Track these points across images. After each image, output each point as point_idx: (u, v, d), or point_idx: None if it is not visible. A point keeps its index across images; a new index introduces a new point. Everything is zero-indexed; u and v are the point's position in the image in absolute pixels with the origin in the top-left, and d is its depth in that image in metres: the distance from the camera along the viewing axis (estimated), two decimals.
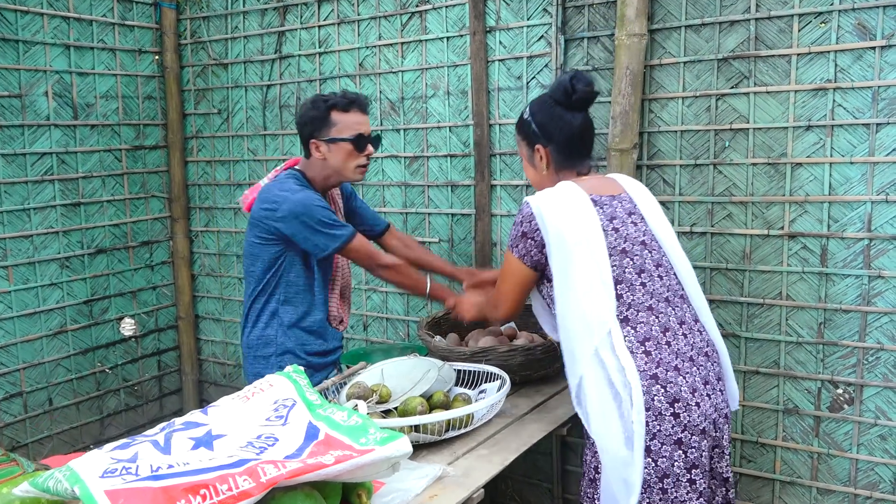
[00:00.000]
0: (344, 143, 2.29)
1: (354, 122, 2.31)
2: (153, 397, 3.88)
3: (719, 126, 2.46)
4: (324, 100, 2.31)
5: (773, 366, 2.46)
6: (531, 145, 1.96)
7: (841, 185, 2.31)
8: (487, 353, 2.31)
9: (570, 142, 1.92)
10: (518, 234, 1.89)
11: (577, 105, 1.90)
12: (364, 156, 2.34)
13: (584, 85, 1.88)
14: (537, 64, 2.78)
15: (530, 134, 1.96)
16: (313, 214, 2.26)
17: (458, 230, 3.06)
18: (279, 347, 2.41)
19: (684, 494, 1.70)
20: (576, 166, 1.95)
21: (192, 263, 3.92)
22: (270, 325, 2.41)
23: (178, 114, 3.78)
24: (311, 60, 3.35)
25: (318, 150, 2.32)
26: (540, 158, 1.95)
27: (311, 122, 2.30)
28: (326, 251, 2.32)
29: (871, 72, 2.23)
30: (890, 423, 2.30)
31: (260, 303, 2.41)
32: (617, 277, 1.77)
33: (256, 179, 3.59)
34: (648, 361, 1.71)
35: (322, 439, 1.49)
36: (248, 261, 2.42)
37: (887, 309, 2.27)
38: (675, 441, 1.69)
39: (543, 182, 1.98)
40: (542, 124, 1.93)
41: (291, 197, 2.26)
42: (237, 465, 1.34)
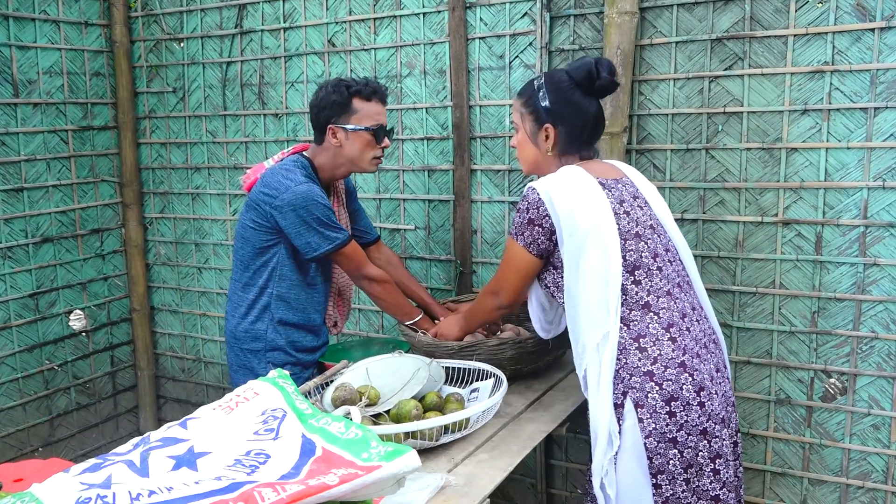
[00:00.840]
0: (363, 133, 2.23)
1: (375, 111, 2.25)
2: (106, 395, 3.64)
3: (712, 109, 2.38)
4: (346, 85, 2.23)
5: (766, 356, 2.40)
6: (539, 122, 1.85)
7: (837, 171, 2.25)
8: (476, 347, 2.19)
9: (583, 128, 1.83)
10: (524, 221, 1.79)
11: (597, 92, 1.83)
12: (381, 147, 2.28)
13: (608, 73, 1.81)
14: (521, 42, 2.65)
15: (540, 111, 1.85)
16: (312, 211, 2.17)
17: (436, 217, 2.92)
18: (269, 344, 2.33)
19: (707, 484, 1.66)
20: (580, 151, 1.86)
21: (147, 252, 3.69)
22: (261, 319, 2.33)
23: (129, 92, 3.52)
24: (276, 36, 3.15)
25: (334, 136, 2.24)
26: (546, 138, 1.85)
27: (331, 106, 2.23)
28: (317, 252, 2.22)
29: (870, 54, 2.17)
30: (883, 413, 2.27)
31: (251, 293, 2.32)
32: (635, 262, 1.71)
33: (216, 162, 3.39)
34: (675, 349, 1.67)
35: (320, 455, 1.35)
36: (239, 243, 2.33)
37: (882, 297, 2.23)
38: (701, 431, 1.65)
39: (540, 163, 1.89)
40: (557, 104, 1.82)
41: (294, 188, 2.17)
42: (230, 490, 1.19)
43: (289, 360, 2.34)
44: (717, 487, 1.67)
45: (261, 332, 2.32)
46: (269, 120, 3.23)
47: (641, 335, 1.67)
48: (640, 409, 1.63)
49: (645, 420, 1.63)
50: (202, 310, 3.58)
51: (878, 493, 2.31)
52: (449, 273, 2.90)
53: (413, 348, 2.34)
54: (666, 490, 1.64)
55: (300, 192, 2.17)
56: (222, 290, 3.49)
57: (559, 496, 2.85)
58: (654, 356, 1.65)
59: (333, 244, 2.22)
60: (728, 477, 1.68)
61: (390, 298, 2.32)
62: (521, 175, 2.71)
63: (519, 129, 1.92)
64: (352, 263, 2.28)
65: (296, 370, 2.33)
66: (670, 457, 1.63)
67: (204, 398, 3.66)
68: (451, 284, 2.89)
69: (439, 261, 2.92)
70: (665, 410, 1.63)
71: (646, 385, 1.64)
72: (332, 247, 2.22)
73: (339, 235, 2.23)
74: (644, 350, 1.66)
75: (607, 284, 1.67)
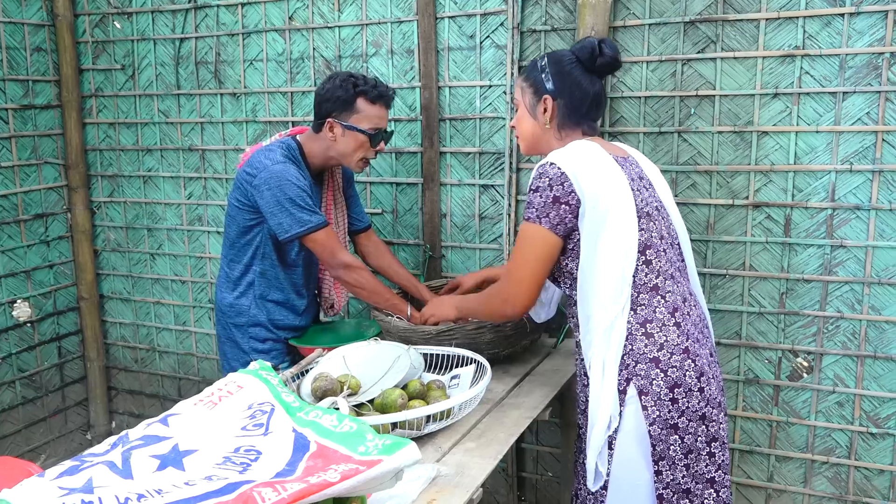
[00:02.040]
0: (360, 134, 2.23)
1: (377, 115, 2.25)
2: (54, 388, 3.48)
3: (685, 92, 2.38)
4: (354, 83, 2.22)
5: (735, 336, 2.44)
6: (538, 94, 1.81)
7: (806, 155, 2.28)
8: (454, 331, 2.16)
9: (582, 102, 1.79)
10: (548, 199, 1.67)
11: (598, 69, 1.79)
12: (374, 150, 2.28)
13: (611, 51, 1.77)
14: (492, 22, 2.60)
15: (540, 82, 1.80)
16: (285, 191, 2.15)
17: (403, 200, 2.86)
18: (251, 319, 2.38)
19: (704, 468, 1.68)
20: (580, 126, 1.81)
21: (95, 238, 3.51)
22: (245, 294, 2.38)
23: (74, 69, 3.33)
24: (233, 12, 3.02)
25: (331, 130, 2.24)
26: (544, 111, 1.80)
27: (335, 101, 2.22)
28: (289, 234, 2.19)
29: (840, 39, 2.20)
30: (847, 390, 2.33)
31: (237, 270, 2.37)
32: (646, 242, 1.68)
33: (170, 144, 3.25)
34: (680, 334, 1.67)
35: (315, 451, 1.29)
36: (227, 220, 2.37)
37: (848, 278, 2.28)
38: (700, 416, 1.66)
39: (539, 137, 1.84)
40: (557, 78, 1.78)
41: (271, 167, 2.18)
42: (227, 492, 1.13)
43: (269, 337, 2.39)
44: (712, 470, 1.68)
45: (244, 308, 2.37)
46: (226, 100, 3.10)
47: (648, 320, 1.66)
48: (643, 396, 1.62)
49: (649, 408, 1.62)
50: (156, 297, 3.44)
51: (841, 468, 2.38)
52: (418, 258, 2.85)
53: (385, 334, 2.29)
54: (667, 476, 1.64)
55: (275, 171, 2.17)
56: (177, 277, 3.36)
57: (530, 479, 2.86)
58: (661, 342, 1.64)
59: (304, 227, 2.19)
60: (723, 459, 1.70)
61: (368, 285, 2.26)
62: (492, 157, 2.68)
63: (519, 106, 1.87)
64: (325, 250, 2.23)
65: (277, 346, 2.39)
66: (671, 443, 1.63)
67: (159, 388, 3.53)
68: (419, 269, 2.84)
69: (407, 245, 2.87)
70: (668, 398, 1.63)
71: (651, 372, 1.63)
72: (302, 230, 2.19)
73: (312, 219, 2.19)
74: (650, 336, 1.65)
75: (623, 265, 1.63)
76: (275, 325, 2.39)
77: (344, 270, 2.24)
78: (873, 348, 2.28)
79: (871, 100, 2.18)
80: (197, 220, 3.27)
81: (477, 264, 2.78)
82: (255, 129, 3.06)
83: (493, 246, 2.74)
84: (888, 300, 2.25)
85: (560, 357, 2.35)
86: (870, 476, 2.35)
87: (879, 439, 2.32)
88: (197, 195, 3.25)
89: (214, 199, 3.21)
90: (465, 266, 2.80)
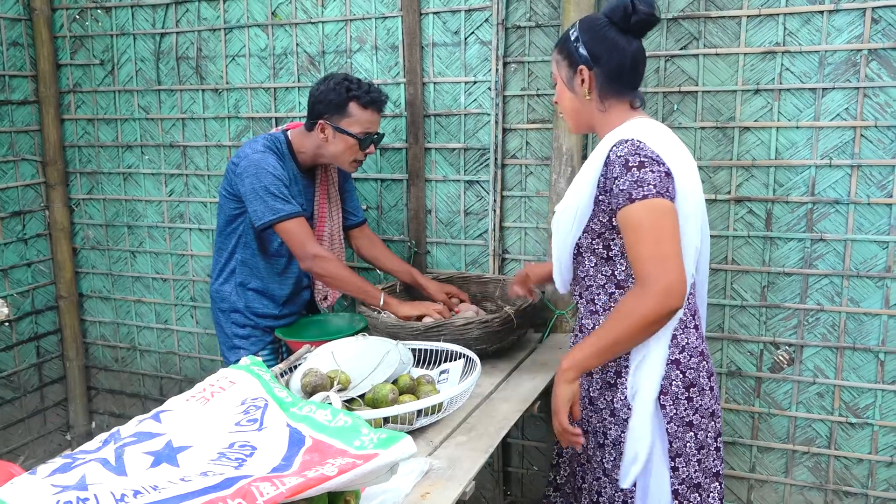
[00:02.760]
0: (350, 137, 2.29)
1: (368, 119, 2.30)
2: (32, 388, 3.43)
3: (668, 88, 2.41)
4: (347, 87, 2.28)
5: (718, 329, 2.47)
6: (573, 66, 1.71)
7: (787, 150, 2.32)
8: (442, 328, 2.17)
9: (621, 69, 1.67)
10: (662, 173, 1.55)
11: (634, 28, 1.65)
12: (363, 153, 2.34)
13: (646, 7, 1.62)
14: (476, 18, 2.60)
15: (573, 53, 1.70)
16: (261, 178, 2.24)
17: (388, 196, 2.86)
18: (231, 305, 2.49)
19: (711, 462, 1.72)
20: (625, 95, 1.70)
21: (74, 236, 3.47)
22: (228, 281, 2.49)
23: (51, 64, 3.28)
24: (214, 7, 2.99)
25: (322, 131, 2.31)
26: (581, 82, 1.70)
27: (327, 103, 2.28)
28: (262, 221, 2.25)
29: (819, 36, 2.24)
30: (827, 381, 2.37)
31: (223, 257, 2.48)
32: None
33: (150, 140, 3.22)
34: (697, 336, 1.71)
35: (311, 445, 1.29)
36: (217, 210, 2.48)
37: (828, 271, 2.32)
38: (710, 413, 1.70)
39: (581, 112, 1.74)
40: (591, 45, 1.67)
41: (251, 155, 2.28)
42: (224, 487, 1.12)
43: (248, 323, 2.49)
44: (718, 464, 1.73)
45: (226, 294, 2.49)
46: (207, 95, 3.07)
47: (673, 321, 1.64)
48: (663, 395, 1.64)
49: (667, 406, 1.64)
50: (136, 296, 3.40)
51: (821, 457, 2.43)
52: (403, 254, 2.84)
53: (372, 330, 2.30)
54: (682, 472, 1.67)
55: (253, 159, 2.26)
56: (158, 275, 3.33)
57: (516, 474, 2.87)
58: (683, 345, 1.66)
59: (277, 215, 2.26)
60: (722, 453, 1.75)
61: (338, 274, 2.29)
62: (477, 153, 2.68)
63: (557, 81, 1.77)
64: (294, 240, 2.27)
65: (256, 333, 2.49)
66: (687, 440, 1.66)
67: (140, 388, 3.49)
68: None
69: (392, 241, 2.87)
70: (685, 396, 1.65)
71: (671, 373, 1.64)
72: (274, 217, 2.26)
73: (284, 208, 2.25)
74: (674, 338, 1.65)
75: (689, 257, 1.60)
76: (253, 313, 2.48)
77: (312, 261, 2.27)
78: (852, 340, 2.33)
79: (850, 96, 2.22)
80: (178, 217, 3.24)
81: (462, 260, 2.78)
82: (238, 125, 3.04)
83: (478, 242, 2.74)
84: (866, 292, 2.29)
85: (546, 351, 2.36)
86: (849, 465, 2.40)
87: (858, 429, 2.37)
88: (178, 192, 3.22)
89: (196, 195, 3.18)
90: (450, 262, 2.81)
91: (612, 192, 1.59)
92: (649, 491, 1.67)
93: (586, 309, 1.79)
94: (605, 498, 1.78)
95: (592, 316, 1.77)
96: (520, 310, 2.23)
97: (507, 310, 2.23)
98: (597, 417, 1.77)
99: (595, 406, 1.78)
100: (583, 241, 1.70)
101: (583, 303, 1.80)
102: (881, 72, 2.18)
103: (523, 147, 2.62)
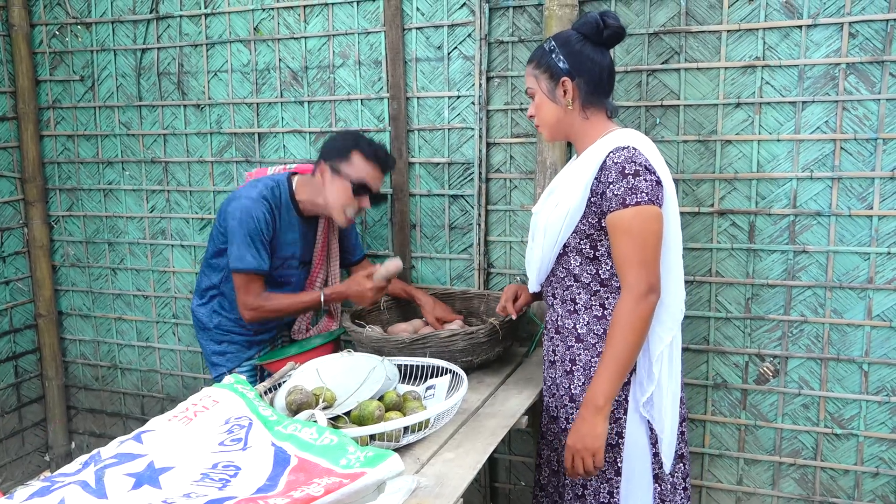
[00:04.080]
0: (345, 181, 2.31)
1: (367, 172, 2.32)
2: (10, 408, 3.36)
3: (650, 102, 2.42)
4: (355, 137, 2.35)
5: (703, 342, 2.48)
6: (555, 78, 1.80)
7: (768, 163, 2.34)
8: (427, 340, 2.15)
9: (599, 78, 1.80)
10: (654, 180, 1.70)
11: (607, 41, 1.81)
12: (357, 206, 2.34)
13: (615, 21, 1.78)
14: (459, 33, 2.61)
15: (554, 66, 1.80)
16: (243, 225, 2.28)
17: (372, 212, 2.84)
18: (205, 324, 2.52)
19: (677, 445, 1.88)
20: (603, 104, 1.83)
21: (53, 253, 3.42)
22: (207, 305, 2.52)
23: (30, 80, 3.25)
24: (196, 22, 2.98)
25: (322, 174, 2.34)
26: (564, 93, 1.80)
27: (332, 149, 2.34)
28: (235, 265, 2.31)
29: (798, 50, 2.26)
30: (812, 393, 2.38)
31: (205, 283, 2.51)
32: None
33: (131, 156, 3.19)
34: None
35: (296, 465, 1.27)
36: (209, 236, 2.51)
37: (811, 283, 2.34)
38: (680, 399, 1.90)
39: (563, 121, 1.84)
40: (570, 58, 1.79)
41: (243, 199, 2.30)
42: None
43: (224, 339, 2.52)
44: (682, 447, 1.88)
45: (202, 316, 2.52)
46: (189, 111, 3.05)
47: None
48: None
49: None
50: (118, 313, 3.35)
51: (807, 469, 2.43)
52: None
53: (359, 344, 2.28)
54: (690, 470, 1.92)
55: (242, 204, 2.29)
56: (139, 292, 3.29)
57: (503, 489, 2.85)
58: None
59: (237, 265, 2.30)
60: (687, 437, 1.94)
61: (277, 309, 2.36)
62: (461, 168, 2.68)
63: (535, 93, 1.86)
64: (238, 292, 2.34)
65: (231, 349, 2.51)
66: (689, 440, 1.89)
67: (121, 407, 3.44)
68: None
69: (377, 256, 2.85)
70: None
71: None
72: (235, 266, 2.30)
73: (246, 262, 2.29)
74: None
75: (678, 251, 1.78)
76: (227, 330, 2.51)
77: (249, 313, 2.34)
78: (836, 351, 2.34)
79: (829, 109, 2.25)
80: (160, 233, 3.20)
81: (447, 274, 2.78)
82: (220, 141, 3.02)
83: (463, 256, 2.74)
84: (849, 303, 2.31)
85: (532, 366, 2.35)
86: (835, 476, 2.40)
87: (844, 440, 2.38)
88: (160, 208, 3.19)
89: (178, 211, 3.15)
90: (435, 277, 2.80)
91: (605, 195, 1.71)
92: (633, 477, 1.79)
93: (564, 309, 1.87)
94: (591, 490, 1.85)
95: (572, 316, 1.85)
96: (505, 322, 2.22)
97: (492, 321, 2.22)
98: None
99: (577, 402, 1.85)
100: (570, 241, 1.81)
101: (558, 302, 1.89)
102: (859, 85, 2.21)
103: (507, 161, 2.63)
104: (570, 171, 1.87)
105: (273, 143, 2.92)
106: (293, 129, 2.88)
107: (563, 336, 1.89)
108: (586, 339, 1.84)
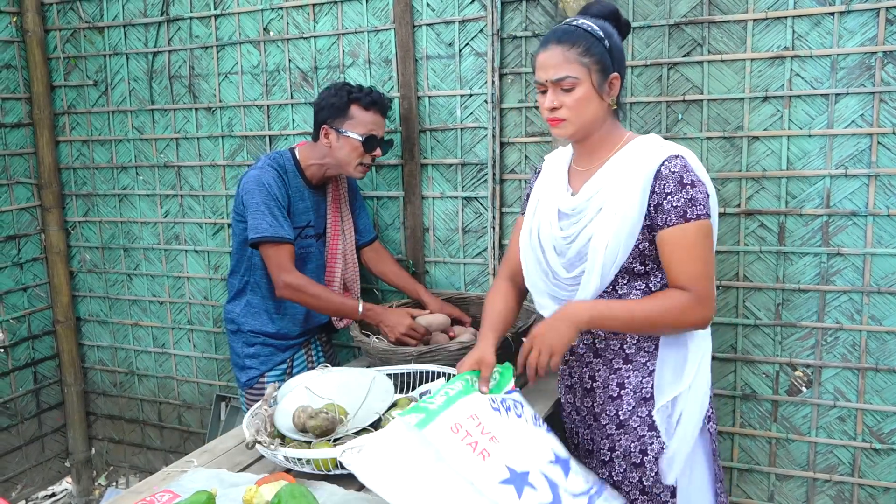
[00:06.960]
0: (354, 139, 2.27)
1: (371, 121, 2.29)
2: (30, 414, 3.36)
3: (671, 97, 2.29)
4: (347, 90, 2.29)
5: (730, 350, 2.34)
6: (605, 72, 1.60)
7: (799, 160, 2.19)
8: (435, 352, 2.07)
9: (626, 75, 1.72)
10: (705, 193, 1.59)
11: (624, 32, 1.71)
12: (370, 156, 2.31)
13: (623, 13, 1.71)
14: (471, 29, 2.51)
15: (605, 58, 1.60)
16: (253, 195, 2.24)
17: (385, 215, 2.76)
18: (238, 325, 2.45)
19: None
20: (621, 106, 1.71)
21: (70, 259, 3.41)
22: (239, 301, 2.45)
23: (45, 86, 3.24)
24: (206, 24, 2.93)
25: (326, 136, 2.31)
26: (610, 89, 1.63)
27: (329, 108, 2.29)
28: (251, 236, 2.23)
29: (830, 39, 2.11)
30: (849, 405, 2.23)
31: (236, 279, 2.45)
32: None
33: (144, 161, 3.16)
34: None
35: None
36: (231, 233, 2.51)
37: (846, 287, 2.18)
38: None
39: (599, 117, 1.63)
40: (614, 49, 1.62)
41: (252, 171, 2.30)
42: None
43: (256, 342, 2.44)
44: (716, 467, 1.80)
45: (235, 315, 2.45)
46: (201, 114, 3.01)
47: None
48: None
49: None
50: (134, 319, 3.33)
51: (844, 485, 2.28)
52: None
53: (366, 354, 2.21)
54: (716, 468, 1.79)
55: (251, 175, 2.28)
56: (155, 298, 3.26)
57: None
58: None
59: (260, 234, 2.23)
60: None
61: (313, 302, 2.28)
62: (475, 169, 2.58)
63: (581, 83, 1.59)
64: (272, 265, 2.26)
65: (265, 352, 2.44)
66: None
67: (139, 413, 3.41)
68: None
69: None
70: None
71: None
72: (258, 236, 2.23)
73: (270, 230, 2.22)
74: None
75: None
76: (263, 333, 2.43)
77: (284, 290, 2.25)
78: (874, 360, 2.18)
79: (865, 101, 2.10)
80: (174, 238, 3.17)
81: (461, 279, 2.68)
82: (232, 144, 2.97)
83: (477, 260, 2.64)
84: (888, 310, 2.15)
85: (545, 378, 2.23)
86: (875, 494, 2.25)
87: (884, 455, 2.22)
88: (174, 213, 3.15)
89: (191, 216, 3.11)
90: (449, 282, 2.70)
91: (663, 207, 1.57)
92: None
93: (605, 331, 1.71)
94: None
95: (618, 336, 1.70)
96: (517, 333, 2.12)
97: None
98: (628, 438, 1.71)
99: (626, 427, 1.71)
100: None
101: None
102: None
103: (522, 161, 2.52)
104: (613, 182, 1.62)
105: (284, 145, 2.85)
106: (304, 132, 2.81)
107: (605, 360, 1.72)
108: (636, 360, 1.68)
